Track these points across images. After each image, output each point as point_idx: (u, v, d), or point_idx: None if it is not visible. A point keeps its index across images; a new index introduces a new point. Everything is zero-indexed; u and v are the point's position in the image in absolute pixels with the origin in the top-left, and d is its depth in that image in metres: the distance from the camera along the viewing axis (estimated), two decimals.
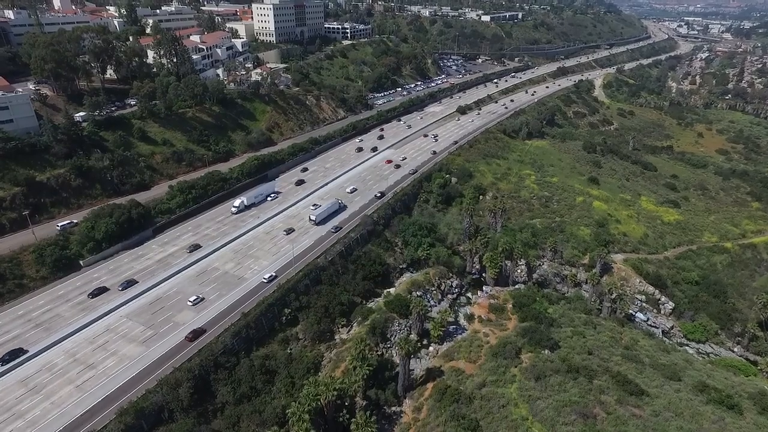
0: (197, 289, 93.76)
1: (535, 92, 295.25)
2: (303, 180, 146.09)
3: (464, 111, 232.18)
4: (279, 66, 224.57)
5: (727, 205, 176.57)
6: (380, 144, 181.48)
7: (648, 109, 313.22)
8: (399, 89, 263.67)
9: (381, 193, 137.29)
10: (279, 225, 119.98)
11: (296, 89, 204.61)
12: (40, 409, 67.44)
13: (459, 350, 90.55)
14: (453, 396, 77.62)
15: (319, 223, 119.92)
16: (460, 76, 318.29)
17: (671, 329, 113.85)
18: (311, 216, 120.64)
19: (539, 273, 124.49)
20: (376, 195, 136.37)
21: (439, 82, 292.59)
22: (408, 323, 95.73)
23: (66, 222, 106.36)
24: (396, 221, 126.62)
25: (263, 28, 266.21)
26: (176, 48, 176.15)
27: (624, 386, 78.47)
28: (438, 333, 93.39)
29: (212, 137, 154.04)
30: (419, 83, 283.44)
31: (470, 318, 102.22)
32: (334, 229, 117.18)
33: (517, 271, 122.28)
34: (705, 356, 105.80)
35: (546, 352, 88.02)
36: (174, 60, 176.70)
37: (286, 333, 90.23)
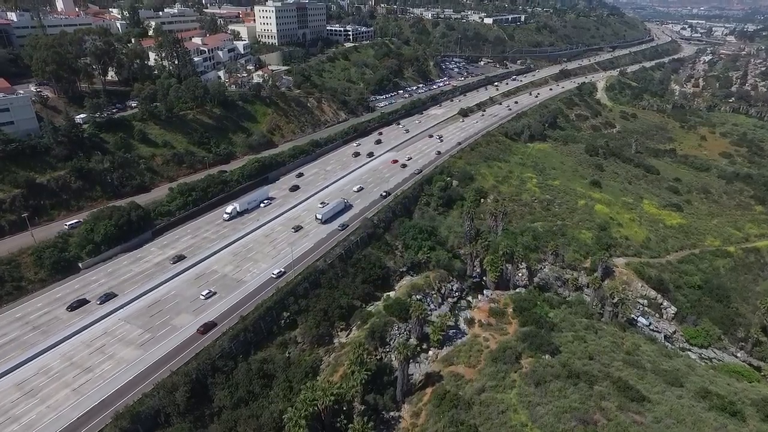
0: (196, 292, 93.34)
1: (538, 94, 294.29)
2: (298, 186, 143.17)
3: (466, 113, 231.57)
4: (281, 68, 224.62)
5: (731, 209, 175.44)
6: (381, 146, 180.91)
7: (651, 112, 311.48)
8: (401, 91, 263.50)
9: (386, 193, 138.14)
10: (278, 228, 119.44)
11: (297, 91, 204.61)
12: (36, 413, 66.98)
13: (459, 355, 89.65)
14: (452, 401, 76.67)
15: (326, 222, 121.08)
16: (462, 79, 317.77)
17: (673, 334, 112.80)
18: (318, 215, 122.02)
19: (540, 276, 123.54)
20: (382, 194, 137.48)
21: (441, 85, 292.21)
22: (407, 327, 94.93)
23: (74, 221, 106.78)
24: (396, 224, 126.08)
25: (265, 30, 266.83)
26: (178, 50, 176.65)
27: (625, 392, 77.40)
28: (438, 337, 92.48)
29: (213, 139, 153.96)
30: (421, 85, 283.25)
31: (470, 322, 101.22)
32: (341, 227, 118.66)
33: (518, 275, 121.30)
34: (708, 361, 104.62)
35: (546, 357, 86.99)
36: (175, 62, 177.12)
37: (285, 337, 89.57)
